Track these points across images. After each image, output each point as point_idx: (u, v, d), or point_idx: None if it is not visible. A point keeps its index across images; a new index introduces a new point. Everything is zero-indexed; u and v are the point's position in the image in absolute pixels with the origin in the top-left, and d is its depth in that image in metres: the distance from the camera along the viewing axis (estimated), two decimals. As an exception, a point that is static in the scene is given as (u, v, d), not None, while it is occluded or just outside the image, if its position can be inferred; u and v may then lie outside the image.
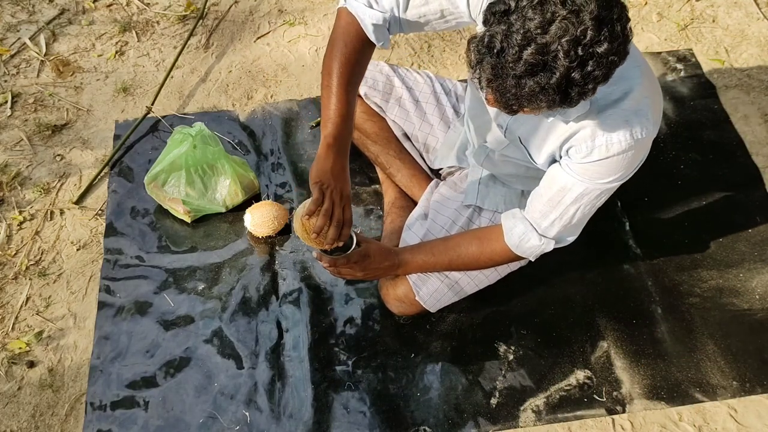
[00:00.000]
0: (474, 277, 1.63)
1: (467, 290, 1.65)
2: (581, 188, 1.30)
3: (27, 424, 1.62)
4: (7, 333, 1.75)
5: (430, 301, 1.62)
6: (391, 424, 1.61)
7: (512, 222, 1.43)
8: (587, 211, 1.36)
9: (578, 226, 1.41)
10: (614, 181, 1.29)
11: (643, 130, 1.22)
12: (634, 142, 1.22)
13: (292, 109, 2.19)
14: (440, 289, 1.61)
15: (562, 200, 1.33)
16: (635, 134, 1.22)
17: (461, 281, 1.62)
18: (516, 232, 1.42)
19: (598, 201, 1.34)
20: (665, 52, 2.33)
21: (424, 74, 1.86)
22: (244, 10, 2.48)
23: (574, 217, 1.35)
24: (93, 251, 1.89)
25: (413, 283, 1.60)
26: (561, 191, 1.32)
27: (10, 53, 2.34)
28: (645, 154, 1.28)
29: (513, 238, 1.43)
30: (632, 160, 1.25)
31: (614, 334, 1.73)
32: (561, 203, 1.33)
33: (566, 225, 1.37)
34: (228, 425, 1.61)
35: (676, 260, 1.86)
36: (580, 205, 1.33)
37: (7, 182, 2.02)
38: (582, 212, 1.35)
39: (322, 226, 1.32)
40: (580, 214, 1.36)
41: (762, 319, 1.76)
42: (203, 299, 1.79)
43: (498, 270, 1.66)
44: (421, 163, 1.86)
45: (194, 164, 1.85)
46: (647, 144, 1.26)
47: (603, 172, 1.27)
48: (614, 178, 1.28)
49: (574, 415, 1.62)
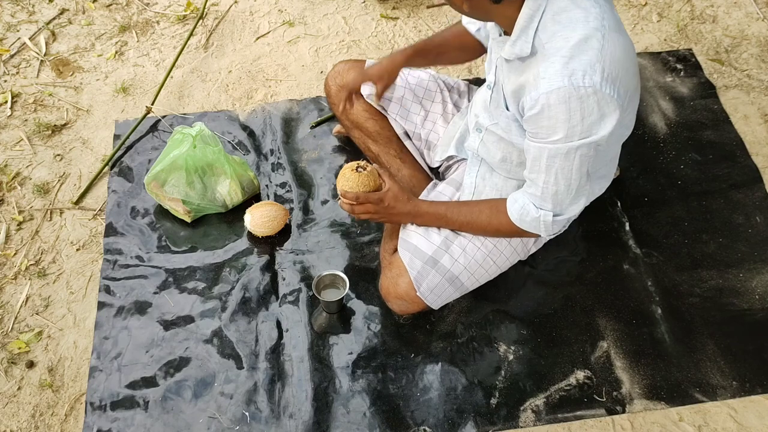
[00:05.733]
0: (474, 271, 1.63)
1: (468, 285, 1.65)
2: (545, 152, 1.34)
3: (27, 424, 1.62)
4: (6, 333, 1.75)
5: (431, 296, 1.62)
6: (391, 424, 1.61)
7: (514, 197, 1.50)
8: (568, 176, 1.37)
9: (568, 194, 1.41)
10: (566, 138, 1.30)
11: (585, 77, 1.23)
12: (573, 89, 1.23)
13: (292, 109, 2.19)
14: (441, 285, 1.61)
15: (539, 169, 1.38)
16: (575, 80, 1.23)
17: (462, 276, 1.62)
18: (516, 207, 1.48)
19: (572, 164, 1.35)
20: (665, 52, 2.33)
21: (426, 72, 1.88)
22: (244, 10, 2.48)
23: (558, 183, 1.38)
24: (93, 251, 1.89)
25: (414, 278, 1.60)
26: (535, 161, 1.38)
27: (10, 53, 2.34)
28: (595, 109, 1.26)
29: (514, 213, 1.49)
30: (577, 112, 1.26)
31: (614, 334, 1.73)
32: (540, 172, 1.38)
33: (554, 193, 1.41)
34: (228, 425, 1.61)
35: (676, 260, 1.86)
36: (555, 170, 1.36)
37: (7, 182, 2.02)
38: (563, 177, 1.37)
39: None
40: (562, 180, 1.38)
41: (762, 319, 1.76)
42: (203, 299, 1.79)
43: (498, 263, 1.66)
44: (422, 163, 1.86)
45: (194, 164, 1.85)
46: (596, 97, 1.25)
47: (550, 127, 1.30)
48: (564, 135, 1.29)
49: (574, 415, 1.62)
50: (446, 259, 1.60)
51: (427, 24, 2.43)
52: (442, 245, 1.60)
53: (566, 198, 1.42)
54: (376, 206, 1.60)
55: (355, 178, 1.58)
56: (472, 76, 2.26)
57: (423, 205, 1.62)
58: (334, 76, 1.88)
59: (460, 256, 1.60)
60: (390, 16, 2.46)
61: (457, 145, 1.76)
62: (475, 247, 1.61)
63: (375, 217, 1.62)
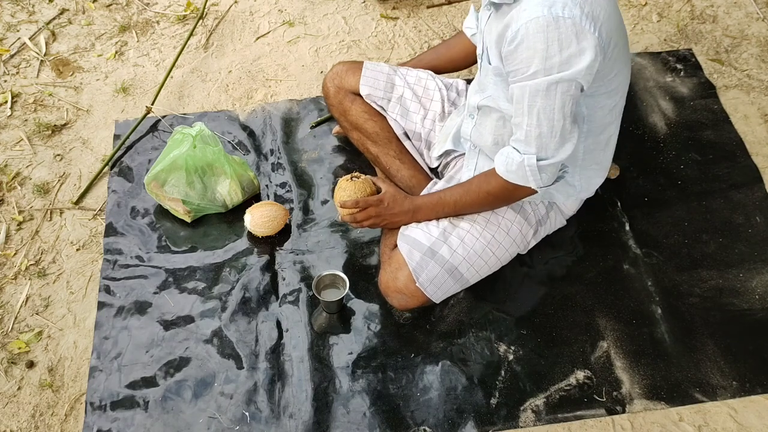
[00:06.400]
0: (474, 262, 1.63)
1: (468, 277, 1.65)
2: (527, 91, 1.37)
3: (27, 424, 1.62)
4: (6, 333, 1.75)
5: (431, 288, 1.62)
6: (391, 424, 1.61)
7: (500, 151, 1.52)
8: (551, 117, 1.39)
9: (552, 137, 1.42)
10: (545, 71, 1.33)
11: (565, 9, 1.29)
12: (552, 18, 1.28)
13: (292, 109, 2.19)
14: (440, 275, 1.61)
15: (522, 112, 1.41)
16: (554, 10, 1.29)
17: (461, 267, 1.62)
18: (501, 159, 1.51)
19: (553, 103, 1.37)
20: (665, 52, 2.33)
21: (425, 71, 1.88)
22: (244, 10, 2.48)
23: (541, 125, 1.41)
24: (93, 251, 1.89)
25: (413, 269, 1.60)
26: (518, 104, 1.41)
27: (10, 53, 2.34)
28: (573, 41, 1.30)
29: (500, 165, 1.51)
30: (555, 42, 1.30)
31: (614, 334, 1.73)
32: (523, 115, 1.41)
33: (538, 135, 1.42)
34: (228, 425, 1.61)
35: (676, 260, 1.86)
36: (537, 110, 1.39)
37: (7, 182, 2.02)
38: (546, 118, 1.39)
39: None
40: (545, 121, 1.40)
41: (762, 319, 1.76)
42: (203, 299, 1.79)
43: (497, 255, 1.66)
44: (421, 163, 1.86)
45: (194, 164, 1.85)
46: (574, 29, 1.29)
47: (528, 58, 1.33)
48: (542, 67, 1.33)
49: (574, 415, 1.62)
50: (445, 249, 1.61)
51: (427, 24, 2.43)
52: (440, 236, 1.61)
53: (550, 141, 1.43)
54: (377, 208, 1.62)
55: (351, 186, 1.64)
56: (471, 76, 2.26)
57: (419, 199, 1.66)
58: (333, 77, 1.88)
59: (458, 247, 1.61)
60: (390, 16, 2.46)
61: (454, 139, 1.77)
62: (474, 237, 1.62)
63: (377, 221, 1.65)
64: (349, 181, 1.65)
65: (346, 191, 1.64)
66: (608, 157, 1.68)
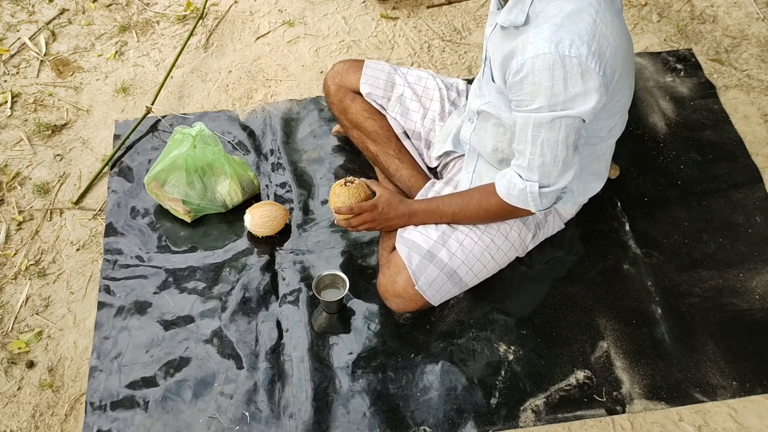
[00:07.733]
0: (472, 266, 1.63)
1: (466, 281, 1.65)
2: (531, 122, 1.36)
3: (27, 424, 1.62)
4: (6, 333, 1.75)
5: (429, 291, 1.62)
6: (391, 424, 1.61)
7: (502, 173, 1.52)
8: (554, 148, 1.39)
9: (555, 166, 1.42)
10: (549, 107, 1.32)
11: (572, 47, 1.26)
12: (559, 56, 1.26)
13: (292, 109, 2.19)
14: (439, 279, 1.61)
15: (525, 140, 1.40)
16: (561, 48, 1.26)
17: (460, 270, 1.62)
18: (503, 182, 1.51)
19: (557, 135, 1.37)
20: (665, 52, 2.33)
21: (425, 71, 1.88)
22: (244, 10, 2.48)
23: (544, 155, 1.40)
24: (93, 251, 1.89)
25: (412, 272, 1.60)
26: (521, 131, 1.40)
27: (10, 53, 2.34)
28: (579, 81, 1.29)
29: (501, 188, 1.51)
30: (560, 81, 1.29)
31: (614, 334, 1.73)
32: (526, 143, 1.41)
33: (541, 164, 1.42)
34: (228, 425, 1.61)
35: (676, 260, 1.86)
36: (541, 141, 1.38)
37: (7, 182, 2.02)
38: (549, 149, 1.39)
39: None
40: (549, 151, 1.40)
41: (762, 319, 1.76)
42: (203, 299, 1.79)
43: (495, 259, 1.66)
44: (421, 163, 1.86)
45: (194, 164, 1.85)
46: (580, 69, 1.28)
47: (533, 92, 1.32)
48: (546, 103, 1.32)
49: (574, 415, 1.62)
50: (444, 253, 1.61)
51: (427, 24, 2.43)
52: (439, 240, 1.61)
53: (553, 170, 1.43)
54: (372, 213, 1.63)
55: (345, 192, 1.64)
56: (471, 76, 2.26)
57: (415, 203, 1.65)
58: (333, 76, 1.88)
59: (457, 251, 1.61)
60: (390, 16, 2.46)
61: (454, 140, 1.77)
62: (473, 241, 1.62)
63: (372, 225, 1.65)
64: (342, 187, 1.66)
65: (340, 197, 1.65)
66: (606, 165, 1.67)
